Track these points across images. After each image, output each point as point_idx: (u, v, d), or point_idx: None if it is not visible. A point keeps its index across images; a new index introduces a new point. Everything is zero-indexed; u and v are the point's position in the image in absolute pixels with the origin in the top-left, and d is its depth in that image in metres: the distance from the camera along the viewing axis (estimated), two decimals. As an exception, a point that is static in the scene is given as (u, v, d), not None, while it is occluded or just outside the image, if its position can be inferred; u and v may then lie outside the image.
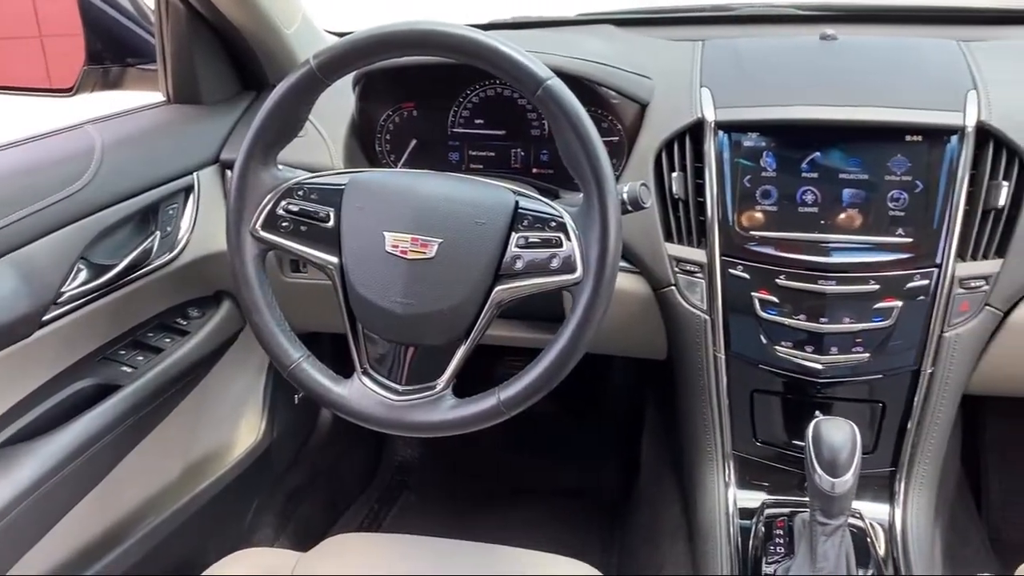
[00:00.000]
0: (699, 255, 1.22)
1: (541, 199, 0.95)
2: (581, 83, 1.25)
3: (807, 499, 1.08)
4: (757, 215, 1.20)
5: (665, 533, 1.48)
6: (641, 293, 1.30)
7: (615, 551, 1.78)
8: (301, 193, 1.00)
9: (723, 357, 1.26)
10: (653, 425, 1.84)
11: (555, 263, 0.91)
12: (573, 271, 0.90)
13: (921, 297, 1.16)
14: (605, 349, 1.43)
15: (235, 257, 1.01)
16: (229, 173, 1.02)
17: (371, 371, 0.99)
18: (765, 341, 1.21)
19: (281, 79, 0.98)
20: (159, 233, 1.32)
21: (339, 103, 1.39)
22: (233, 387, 1.60)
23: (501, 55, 0.89)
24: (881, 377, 1.21)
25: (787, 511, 1.26)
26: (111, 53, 1.41)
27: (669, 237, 1.25)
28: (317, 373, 1.01)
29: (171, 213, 1.35)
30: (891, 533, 1.26)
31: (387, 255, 0.95)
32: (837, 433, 1.03)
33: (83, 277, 1.20)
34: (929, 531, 1.28)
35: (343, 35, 0.96)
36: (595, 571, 1.09)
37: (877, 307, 1.16)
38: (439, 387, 0.96)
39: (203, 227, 1.38)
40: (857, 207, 1.18)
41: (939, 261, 1.15)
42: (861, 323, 1.17)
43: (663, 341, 1.35)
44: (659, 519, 1.54)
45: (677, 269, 1.24)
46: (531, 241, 0.92)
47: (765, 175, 1.20)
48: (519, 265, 0.93)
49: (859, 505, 1.25)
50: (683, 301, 1.25)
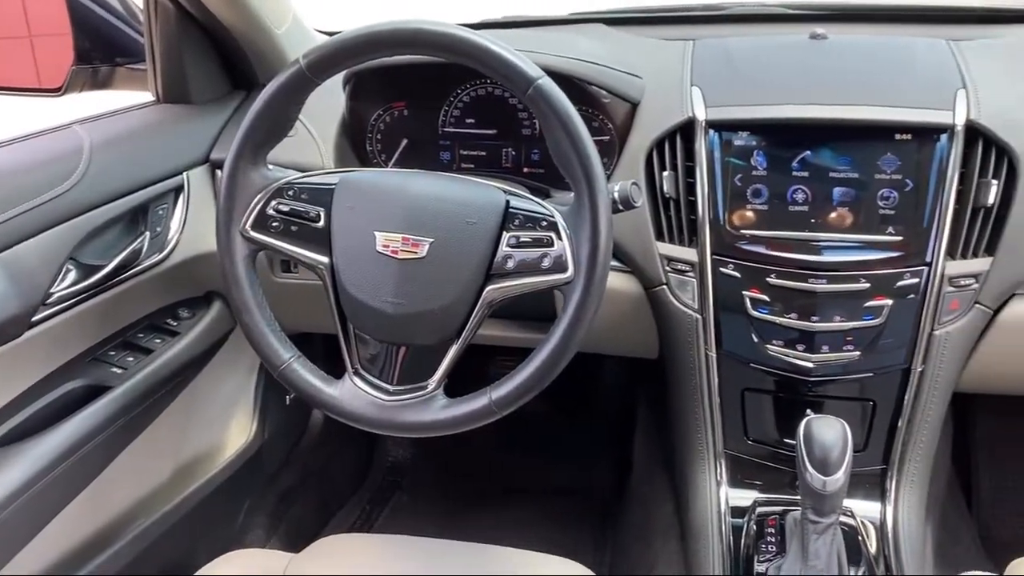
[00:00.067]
0: (690, 254, 1.23)
1: (532, 198, 0.95)
2: (572, 82, 1.25)
3: (799, 497, 1.08)
4: (748, 214, 1.21)
5: (657, 532, 1.48)
6: (632, 292, 1.30)
7: (607, 550, 1.78)
8: (291, 193, 0.99)
9: (714, 356, 1.26)
10: (645, 424, 1.84)
11: (546, 262, 0.91)
12: (564, 270, 0.90)
13: (911, 295, 1.17)
14: (597, 348, 1.43)
15: (225, 257, 1.01)
16: (219, 173, 1.01)
17: (362, 371, 0.99)
18: (756, 340, 1.21)
19: (271, 79, 0.97)
20: (149, 233, 1.32)
21: (329, 103, 1.39)
22: (224, 388, 1.60)
23: (491, 54, 0.89)
24: (872, 375, 1.22)
25: (779, 509, 1.26)
26: (100, 53, 1.40)
27: (660, 236, 1.25)
28: (308, 373, 1.00)
29: (161, 213, 1.34)
30: (882, 531, 1.26)
31: (378, 255, 0.94)
32: (828, 431, 1.04)
33: (72, 278, 1.19)
34: (920, 529, 1.28)
35: (334, 35, 0.95)
36: (587, 570, 1.09)
37: (868, 305, 1.17)
38: (430, 387, 0.96)
39: (193, 227, 1.38)
40: (847, 206, 1.18)
41: (929, 259, 1.16)
42: (852, 321, 1.17)
43: (654, 340, 1.35)
44: (651, 518, 1.54)
45: (668, 268, 1.25)
46: (522, 240, 0.92)
47: (756, 174, 1.20)
48: (510, 264, 0.92)
49: (850, 503, 1.26)
50: (674, 300, 1.26)
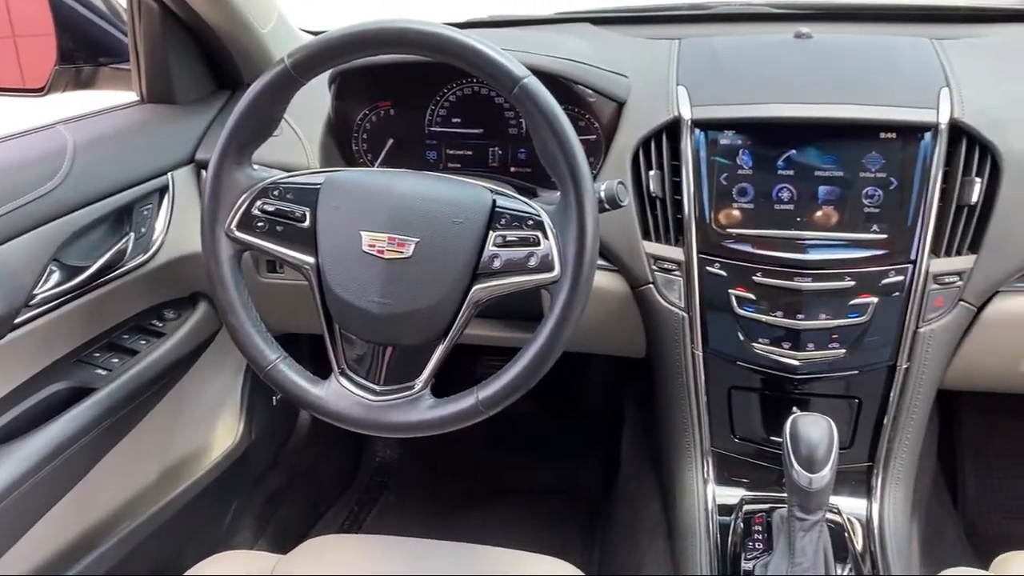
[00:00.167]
0: (676, 253, 1.23)
1: (518, 198, 0.95)
2: (558, 81, 1.25)
3: (785, 495, 1.08)
4: (734, 213, 1.21)
5: (645, 530, 1.48)
6: (619, 291, 1.30)
7: (595, 549, 1.78)
8: (277, 193, 0.99)
9: (701, 354, 1.26)
10: (632, 423, 1.84)
11: (533, 262, 0.91)
12: (551, 269, 0.90)
13: (896, 293, 1.17)
14: (584, 347, 1.43)
15: (210, 258, 1.00)
16: (204, 173, 1.01)
17: (348, 371, 0.99)
18: (742, 338, 1.22)
19: (256, 78, 0.97)
20: (133, 234, 1.31)
21: (315, 102, 1.38)
22: (210, 389, 1.59)
23: (477, 53, 0.89)
24: (857, 373, 1.22)
25: (766, 507, 1.27)
26: (83, 52, 1.39)
27: (647, 235, 1.25)
28: (294, 374, 1.00)
29: (146, 214, 1.33)
30: (868, 528, 1.27)
31: (364, 255, 0.94)
32: (814, 429, 1.04)
33: (56, 279, 1.19)
34: (906, 525, 1.29)
35: (319, 34, 0.95)
36: (576, 570, 1.09)
37: (853, 303, 1.17)
38: (417, 387, 0.96)
39: (178, 228, 1.37)
40: (833, 204, 1.19)
41: (914, 257, 1.16)
42: (837, 319, 1.18)
43: (641, 339, 1.36)
44: (639, 516, 1.54)
45: (655, 267, 1.25)
46: (509, 240, 0.92)
47: (741, 173, 1.21)
48: (497, 264, 0.92)
49: (837, 500, 1.26)
50: (661, 299, 1.26)
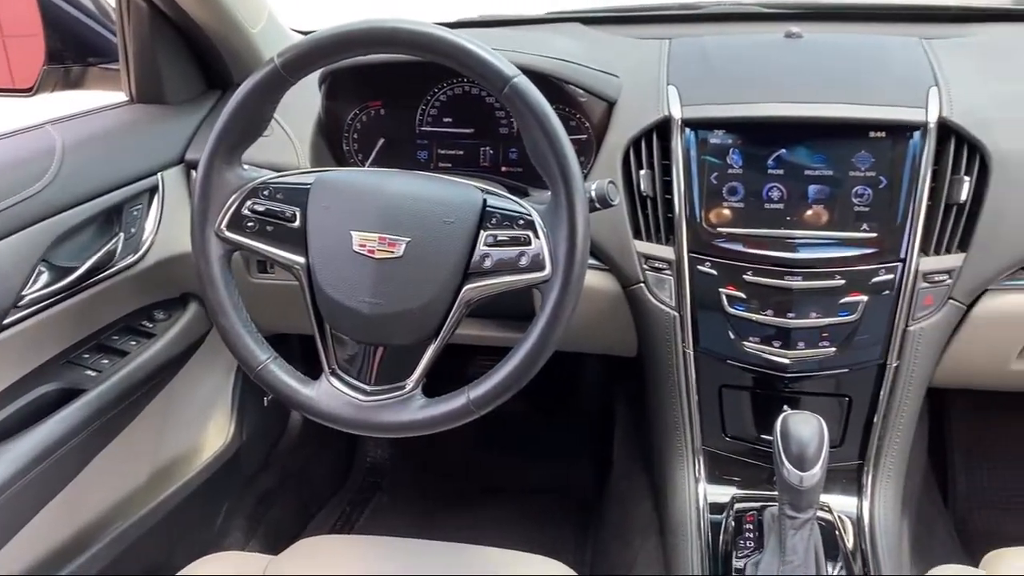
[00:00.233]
0: (667, 252, 1.23)
1: (509, 197, 0.95)
2: (548, 81, 1.25)
3: (776, 493, 1.08)
4: (724, 212, 1.21)
5: (636, 530, 1.49)
6: (610, 290, 1.30)
7: (588, 548, 1.78)
8: (267, 193, 0.99)
9: (692, 353, 1.26)
10: (623, 422, 1.84)
11: (524, 261, 0.91)
12: (542, 269, 0.90)
13: (886, 291, 1.18)
14: (575, 347, 1.43)
15: (200, 258, 1.00)
16: (194, 173, 1.01)
17: (339, 372, 0.99)
18: (733, 337, 1.22)
19: (247, 78, 0.97)
20: (123, 235, 1.30)
21: (305, 102, 1.38)
22: (201, 390, 1.59)
23: (468, 53, 0.89)
24: (847, 371, 1.23)
25: (757, 505, 1.27)
26: (72, 52, 1.39)
27: (638, 234, 1.25)
28: (284, 374, 1.00)
29: (135, 214, 1.33)
30: (859, 526, 1.27)
31: (355, 254, 0.94)
32: (805, 427, 1.04)
33: (45, 280, 1.18)
34: (897, 523, 1.29)
35: (309, 34, 0.95)
36: (568, 569, 1.09)
37: (843, 302, 1.17)
38: (408, 387, 0.96)
39: (168, 228, 1.37)
40: (822, 203, 1.19)
41: (903, 256, 1.17)
42: (827, 318, 1.18)
43: (633, 338, 1.36)
44: (630, 516, 1.55)
45: (646, 266, 1.25)
46: (500, 239, 0.92)
47: (732, 172, 1.21)
48: (488, 263, 0.92)
49: (827, 498, 1.27)
50: (652, 298, 1.26)
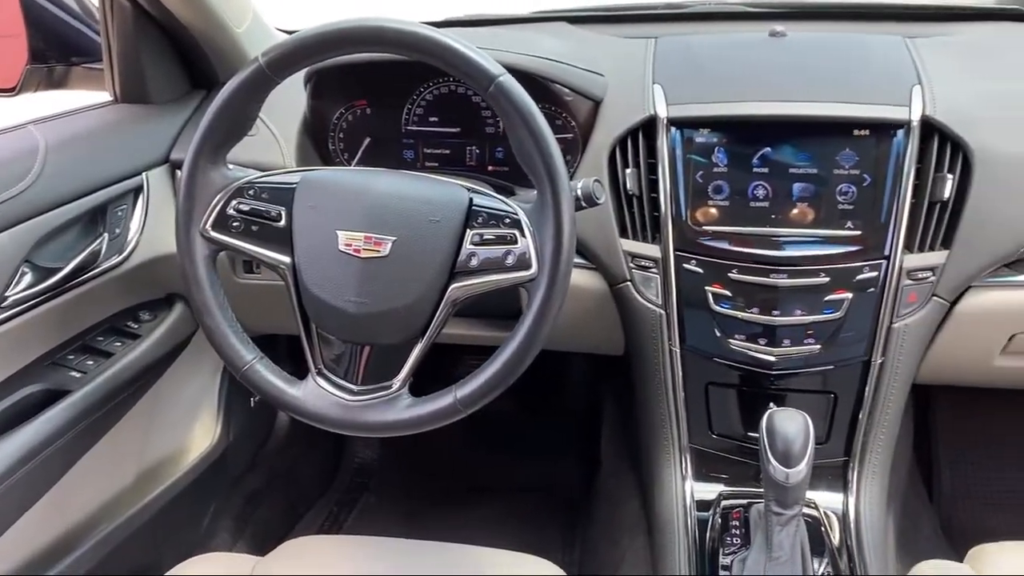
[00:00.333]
0: (654, 250, 1.23)
1: (495, 196, 0.95)
2: (534, 80, 1.25)
3: (763, 490, 1.09)
4: (710, 210, 1.21)
5: (624, 528, 1.49)
6: (597, 289, 1.31)
7: (576, 547, 1.79)
8: (252, 192, 0.98)
9: (678, 351, 1.27)
10: (611, 420, 1.85)
11: (510, 260, 0.91)
12: (528, 268, 0.90)
13: (870, 289, 1.18)
14: (562, 345, 1.44)
15: (185, 258, 0.99)
16: (179, 173, 1.00)
17: (326, 371, 0.99)
18: (719, 334, 1.22)
19: (232, 78, 0.96)
20: (107, 235, 1.29)
21: (291, 101, 1.37)
22: (187, 390, 1.58)
23: (453, 52, 0.89)
24: (832, 368, 1.23)
25: (743, 502, 1.27)
26: (55, 52, 1.38)
27: (624, 233, 1.26)
28: (271, 375, 0.99)
29: (120, 214, 1.32)
30: (845, 522, 1.28)
31: (340, 254, 0.94)
32: (790, 424, 1.05)
33: (28, 280, 1.17)
34: (882, 519, 1.30)
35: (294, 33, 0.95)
36: (556, 568, 1.09)
37: (828, 299, 1.18)
38: (395, 386, 0.96)
39: (153, 228, 1.36)
40: (807, 201, 1.19)
41: (887, 253, 1.17)
42: (812, 315, 1.18)
43: (620, 336, 1.36)
44: (618, 514, 1.55)
45: (632, 265, 1.25)
46: (486, 238, 0.92)
47: (717, 170, 1.21)
48: (474, 262, 0.92)
49: (813, 495, 1.27)
50: (638, 296, 1.26)
